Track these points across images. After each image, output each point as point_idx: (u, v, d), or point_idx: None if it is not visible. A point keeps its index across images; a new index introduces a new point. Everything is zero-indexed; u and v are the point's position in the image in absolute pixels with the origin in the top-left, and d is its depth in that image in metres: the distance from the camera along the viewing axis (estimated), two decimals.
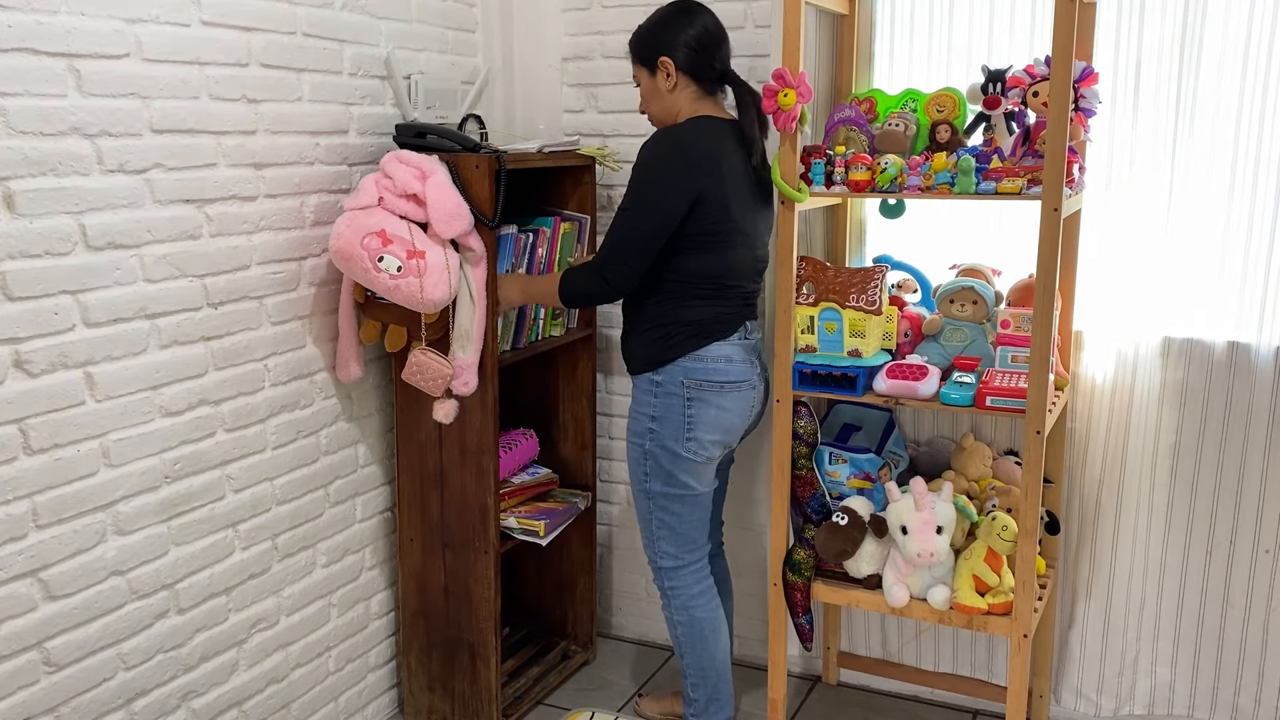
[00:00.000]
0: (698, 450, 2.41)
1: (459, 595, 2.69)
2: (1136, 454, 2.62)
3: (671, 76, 2.39)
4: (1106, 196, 2.56)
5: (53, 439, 1.91)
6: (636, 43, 2.45)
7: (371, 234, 2.32)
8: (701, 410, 2.40)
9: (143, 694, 2.14)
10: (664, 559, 2.53)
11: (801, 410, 2.47)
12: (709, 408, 2.40)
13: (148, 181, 2.03)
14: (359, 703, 2.76)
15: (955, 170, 2.22)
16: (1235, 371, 2.52)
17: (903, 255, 2.69)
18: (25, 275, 1.84)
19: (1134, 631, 2.71)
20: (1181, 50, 2.44)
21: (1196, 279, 2.53)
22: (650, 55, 2.40)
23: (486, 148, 2.54)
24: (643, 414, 2.44)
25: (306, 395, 2.47)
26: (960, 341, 2.46)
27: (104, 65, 1.93)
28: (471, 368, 2.48)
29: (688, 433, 2.40)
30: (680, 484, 2.44)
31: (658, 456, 2.43)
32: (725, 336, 2.41)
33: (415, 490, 2.69)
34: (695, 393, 2.39)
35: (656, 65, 2.39)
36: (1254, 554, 2.57)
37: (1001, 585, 2.34)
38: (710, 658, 2.56)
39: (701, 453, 2.42)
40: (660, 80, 2.40)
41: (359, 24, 2.51)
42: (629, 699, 2.99)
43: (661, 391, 2.40)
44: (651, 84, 2.43)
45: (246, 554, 2.35)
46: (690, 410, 2.39)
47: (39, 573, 1.92)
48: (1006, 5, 2.58)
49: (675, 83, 2.39)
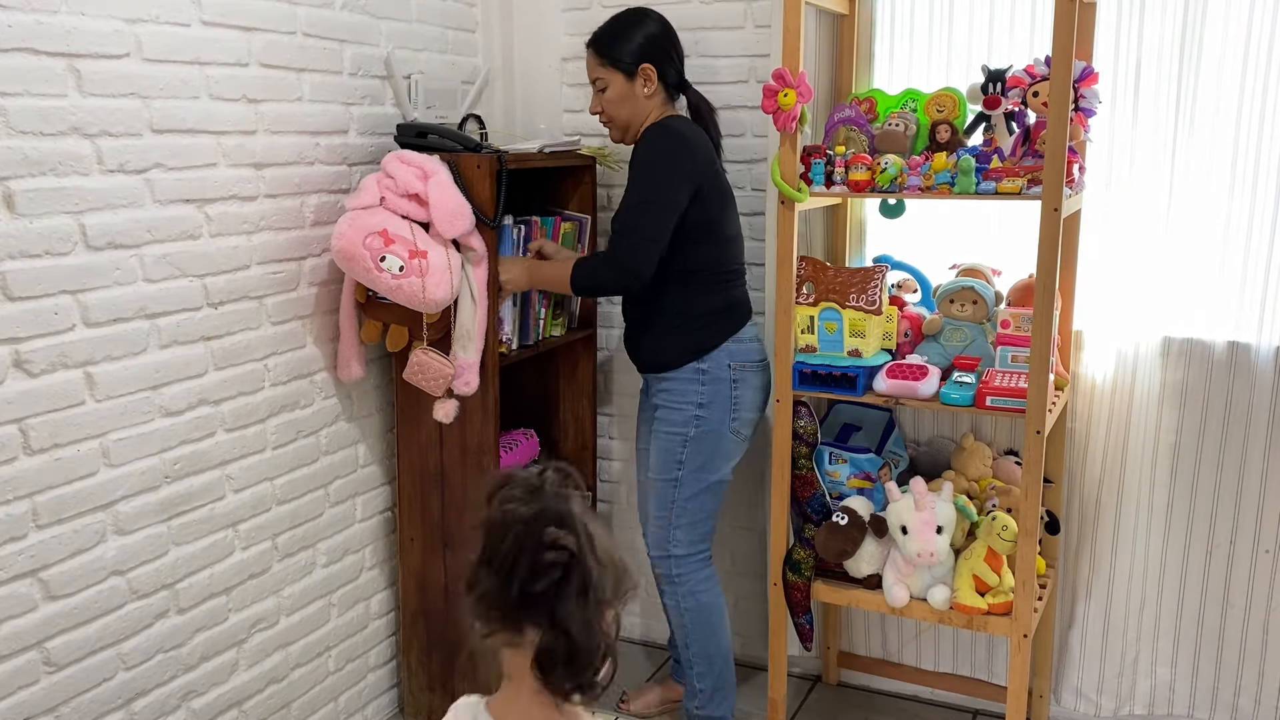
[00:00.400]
0: (739, 430, 2.53)
1: (459, 595, 2.68)
2: (1136, 454, 2.62)
3: (651, 83, 2.46)
4: (1106, 196, 2.56)
5: (53, 439, 1.91)
6: (608, 47, 2.47)
7: (374, 234, 2.32)
8: (744, 391, 2.51)
9: (143, 694, 2.14)
10: (676, 546, 2.57)
11: (801, 410, 2.47)
12: (748, 388, 2.51)
13: (148, 181, 2.03)
14: (359, 703, 2.76)
15: (955, 170, 2.22)
16: (1235, 371, 2.52)
17: (903, 255, 2.69)
18: (25, 275, 1.83)
19: (1134, 631, 2.71)
20: (1181, 50, 2.44)
21: (1196, 279, 2.53)
22: (629, 61, 2.45)
23: (487, 147, 2.55)
24: (687, 403, 2.49)
25: (306, 395, 2.47)
26: (960, 341, 2.46)
27: (104, 65, 1.93)
28: (473, 367, 2.48)
29: (733, 414, 2.50)
30: (716, 469, 2.53)
31: (702, 442, 2.49)
32: (749, 319, 2.56)
33: (415, 490, 2.69)
34: (739, 374, 2.50)
35: (636, 72, 2.45)
36: (1254, 554, 2.57)
37: (1001, 585, 2.34)
38: (717, 644, 2.60)
39: (743, 432, 2.54)
40: (638, 87, 2.46)
41: (359, 24, 2.51)
42: None
43: (709, 378, 2.47)
44: (627, 89, 2.46)
45: (246, 554, 2.35)
46: (735, 392, 2.50)
47: (39, 573, 1.92)
48: (1006, 5, 2.58)
49: (654, 89, 2.47)
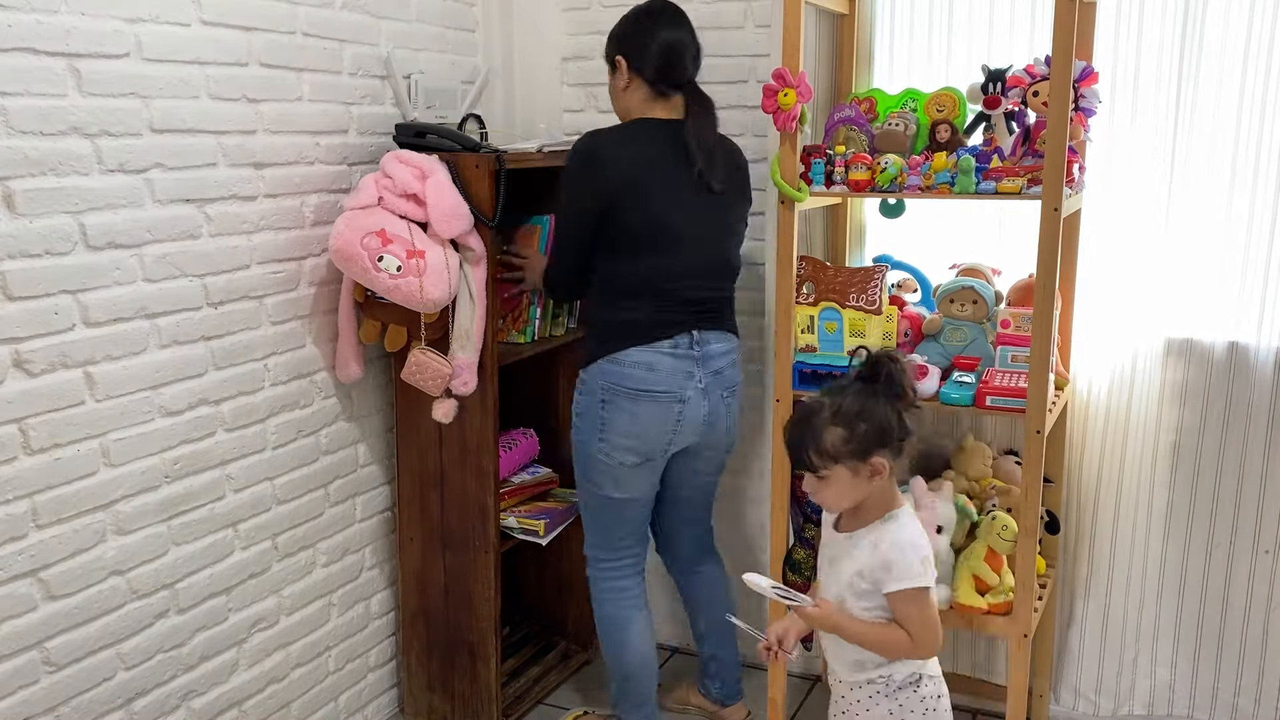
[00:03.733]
0: (609, 453, 2.39)
1: (459, 595, 2.69)
2: (1136, 454, 2.62)
3: (623, 75, 2.41)
4: (1106, 196, 2.56)
5: (53, 439, 1.91)
6: (606, 42, 2.48)
7: (371, 233, 2.32)
8: (614, 414, 2.36)
9: (143, 694, 2.15)
10: (588, 548, 2.58)
11: None
12: (621, 413, 2.35)
13: (148, 181, 2.03)
14: (359, 702, 2.76)
15: (955, 170, 2.22)
16: (1235, 371, 2.52)
17: (903, 255, 2.69)
18: (25, 275, 1.84)
19: (1133, 631, 2.71)
20: (1181, 50, 2.44)
21: (1196, 279, 2.53)
22: (609, 53, 2.44)
23: (486, 147, 2.55)
24: (573, 408, 2.48)
25: (306, 395, 2.47)
26: (960, 341, 2.46)
27: (104, 65, 1.93)
28: (471, 367, 2.48)
29: (601, 435, 2.39)
30: (595, 483, 2.46)
31: (578, 451, 2.47)
32: (650, 342, 2.34)
33: (415, 490, 2.69)
34: (609, 396, 2.36)
35: (614, 64, 2.42)
36: (1254, 554, 2.57)
37: (1001, 585, 2.34)
38: (615, 656, 2.57)
39: (615, 456, 2.39)
40: (616, 79, 2.44)
41: (359, 24, 2.51)
42: None
43: (585, 390, 2.42)
44: (611, 82, 2.47)
45: (246, 554, 2.35)
46: (604, 413, 2.37)
47: (39, 572, 1.92)
48: (1006, 5, 2.58)
49: (627, 83, 2.40)
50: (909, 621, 1.85)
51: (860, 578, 1.88)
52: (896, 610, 1.86)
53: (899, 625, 1.86)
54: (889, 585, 1.84)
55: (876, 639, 1.89)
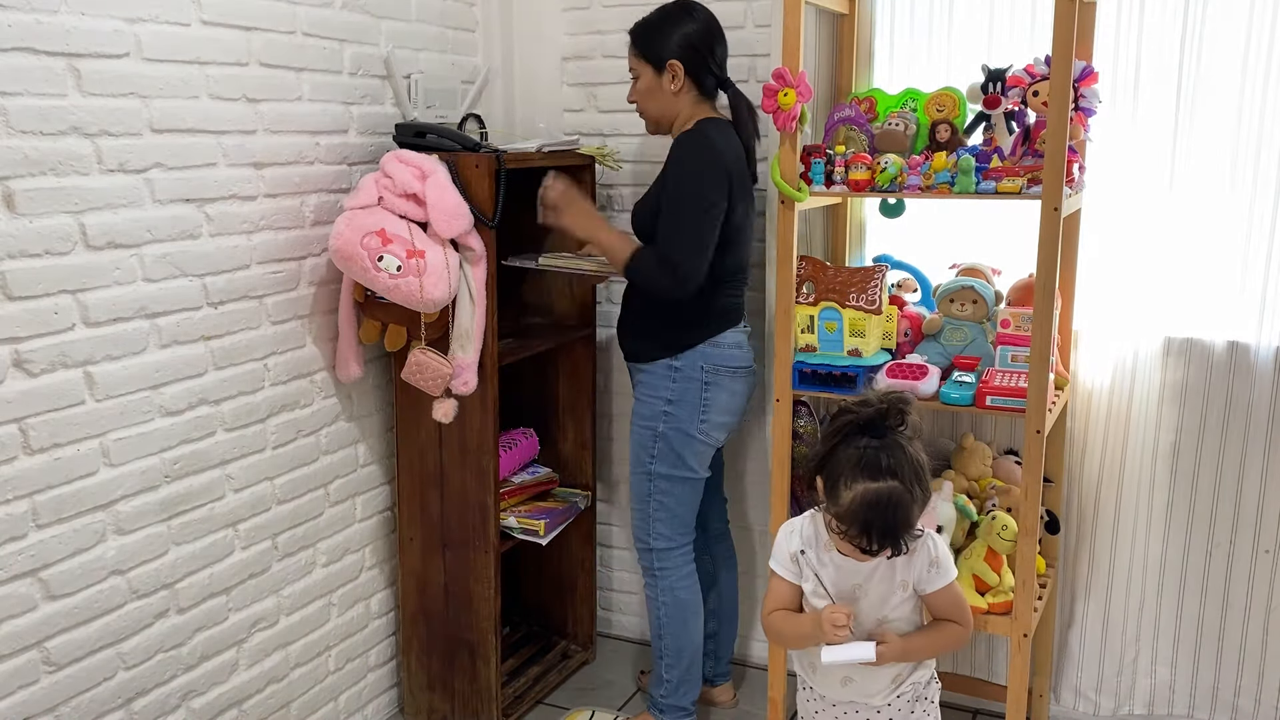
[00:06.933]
0: (709, 432, 2.52)
1: (459, 595, 2.69)
2: (1136, 454, 2.62)
3: (679, 79, 2.45)
4: (1106, 196, 2.56)
5: (53, 439, 1.91)
6: (643, 39, 2.48)
7: (371, 233, 2.32)
8: (716, 394, 2.50)
9: (143, 693, 2.15)
10: (657, 540, 2.58)
11: (801, 410, 2.47)
12: (722, 392, 2.51)
13: (147, 181, 2.03)
14: (359, 702, 2.76)
15: (955, 170, 2.22)
16: (1235, 371, 2.52)
17: (903, 255, 2.69)
18: (25, 275, 1.84)
19: (1133, 631, 2.71)
20: (1181, 49, 2.44)
21: (1196, 279, 2.53)
22: (658, 55, 2.45)
23: (486, 147, 2.55)
24: (657, 398, 2.51)
25: (306, 395, 2.47)
26: (960, 341, 2.46)
27: (104, 65, 1.93)
28: (471, 367, 2.49)
29: (702, 416, 2.50)
30: (686, 467, 2.53)
31: (670, 439, 2.50)
32: (736, 324, 2.54)
33: (415, 490, 2.69)
34: (713, 377, 2.49)
35: (665, 67, 2.44)
36: (1254, 554, 2.57)
37: (1001, 585, 2.34)
38: (689, 639, 2.62)
39: (712, 434, 2.53)
40: (665, 82, 2.46)
41: (359, 24, 2.51)
42: (629, 698, 2.99)
43: (680, 376, 2.49)
44: (655, 83, 2.47)
45: (246, 553, 2.35)
46: (706, 394, 2.49)
47: (39, 572, 1.92)
48: (1006, 5, 2.58)
49: (681, 86, 2.46)
50: (957, 609, 1.86)
51: (903, 588, 1.86)
52: (942, 604, 1.86)
53: (944, 620, 1.87)
54: (939, 582, 1.85)
55: (941, 643, 1.89)
